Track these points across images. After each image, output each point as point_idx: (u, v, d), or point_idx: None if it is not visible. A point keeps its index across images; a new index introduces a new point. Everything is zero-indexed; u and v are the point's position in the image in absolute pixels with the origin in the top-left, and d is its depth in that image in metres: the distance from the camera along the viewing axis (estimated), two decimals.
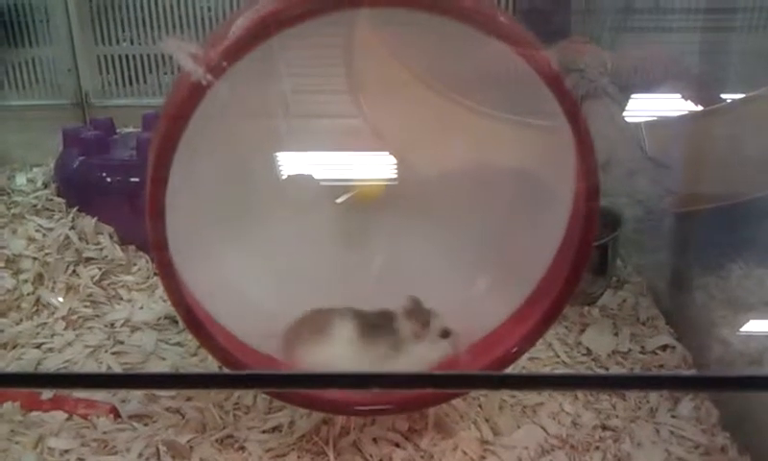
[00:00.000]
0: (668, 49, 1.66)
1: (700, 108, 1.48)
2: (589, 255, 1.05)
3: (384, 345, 1.04)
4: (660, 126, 1.51)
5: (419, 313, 1.05)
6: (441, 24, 0.93)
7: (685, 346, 1.37)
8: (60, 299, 1.55)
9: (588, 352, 1.37)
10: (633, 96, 1.53)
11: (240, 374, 0.99)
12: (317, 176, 1.21)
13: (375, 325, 1.05)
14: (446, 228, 1.20)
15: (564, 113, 0.96)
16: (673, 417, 1.20)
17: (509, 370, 1.10)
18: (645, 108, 1.53)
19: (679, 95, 1.50)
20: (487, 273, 1.18)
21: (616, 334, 1.42)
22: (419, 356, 1.04)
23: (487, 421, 1.19)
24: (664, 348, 1.37)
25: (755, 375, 0.98)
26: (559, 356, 1.36)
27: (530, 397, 1.24)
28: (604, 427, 1.18)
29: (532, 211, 1.14)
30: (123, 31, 2.24)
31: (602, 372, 1.31)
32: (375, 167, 1.22)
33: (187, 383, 0.87)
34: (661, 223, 1.63)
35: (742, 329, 1.27)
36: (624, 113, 1.52)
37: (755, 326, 1.28)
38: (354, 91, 1.19)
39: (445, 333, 1.05)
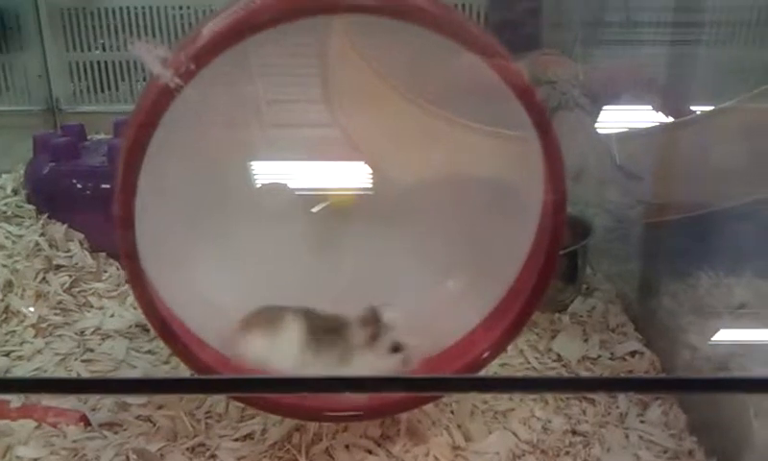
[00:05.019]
0: (639, 62, 1.69)
1: (670, 119, 1.50)
2: (556, 264, 1.06)
3: (333, 350, 1.02)
4: (631, 137, 1.53)
5: (372, 323, 1.02)
6: (414, 34, 0.94)
7: (654, 352, 1.38)
8: (31, 308, 1.52)
9: (559, 359, 1.39)
10: (604, 108, 1.55)
11: (210, 378, 0.98)
12: (290, 184, 1.21)
13: (327, 328, 1.03)
14: (419, 236, 1.20)
15: (534, 126, 0.97)
16: (642, 422, 1.22)
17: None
18: (616, 119, 1.55)
19: (649, 107, 1.52)
20: (458, 279, 1.19)
21: (586, 341, 1.44)
22: (367, 367, 1.01)
23: (459, 427, 1.19)
24: (633, 354, 1.39)
25: (717, 377, 1.00)
26: (530, 362, 1.37)
27: (501, 402, 1.25)
28: (574, 432, 1.19)
29: (502, 220, 1.15)
30: (94, 38, 2.22)
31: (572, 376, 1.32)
32: (349, 176, 1.22)
33: (155, 388, 0.86)
34: (631, 232, 1.65)
35: (710, 336, 1.28)
36: (595, 125, 1.54)
37: (722, 332, 1.30)
38: (329, 100, 1.20)
39: (396, 348, 1.02)
